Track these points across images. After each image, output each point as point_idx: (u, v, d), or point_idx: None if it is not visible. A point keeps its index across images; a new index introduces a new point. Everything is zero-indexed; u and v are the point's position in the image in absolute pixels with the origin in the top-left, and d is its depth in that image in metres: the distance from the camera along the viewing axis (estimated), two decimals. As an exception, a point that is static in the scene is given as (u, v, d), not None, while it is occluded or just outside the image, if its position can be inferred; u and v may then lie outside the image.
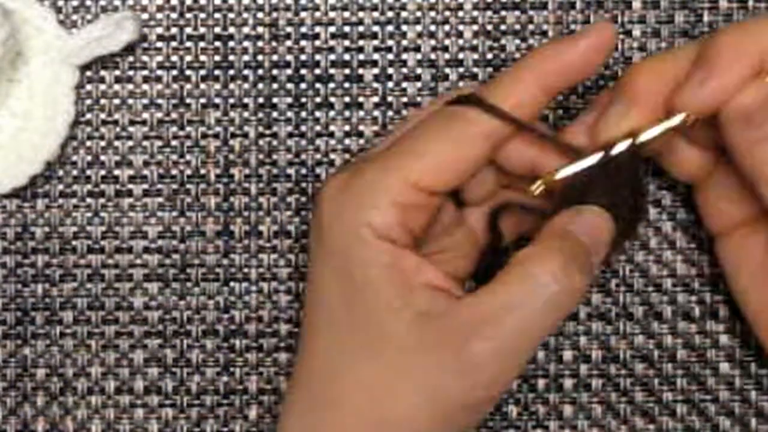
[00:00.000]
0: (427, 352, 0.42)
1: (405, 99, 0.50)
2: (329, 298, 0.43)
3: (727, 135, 0.43)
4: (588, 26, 0.46)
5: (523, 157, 0.45)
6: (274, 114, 0.50)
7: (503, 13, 0.50)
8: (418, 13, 0.50)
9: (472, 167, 0.44)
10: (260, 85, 0.50)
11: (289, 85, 0.50)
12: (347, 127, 0.50)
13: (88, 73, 0.50)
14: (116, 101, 0.50)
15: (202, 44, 0.50)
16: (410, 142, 0.44)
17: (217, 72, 0.50)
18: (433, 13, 0.50)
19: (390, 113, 0.50)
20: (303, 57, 0.50)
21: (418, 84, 0.50)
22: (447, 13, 0.50)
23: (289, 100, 0.50)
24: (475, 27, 0.50)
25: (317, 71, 0.50)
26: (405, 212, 0.43)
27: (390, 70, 0.50)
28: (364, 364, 0.43)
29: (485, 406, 0.44)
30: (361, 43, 0.50)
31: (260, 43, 0.50)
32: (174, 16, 0.50)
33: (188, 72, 0.50)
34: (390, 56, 0.50)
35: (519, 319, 0.41)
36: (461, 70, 0.50)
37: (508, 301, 0.41)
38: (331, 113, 0.50)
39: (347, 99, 0.50)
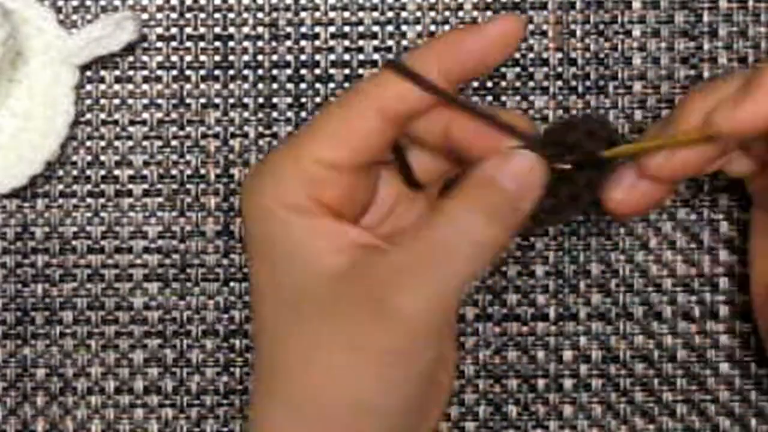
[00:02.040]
0: (347, 308, 0.41)
1: (405, 99, 0.50)
2: (260, 284, 0.43)
3: None
4: (495, 17, 0.43)
5: (441, 128, 0.43)
6: (274, 114, 0.50)
7: (503, 13, 0.50)
8: (418, 13, 0.50)
9: (372, 139, 0.42)
10: (260, 85, 0.50)
11: (289, 85, 0.50)
12: (347, 127, 0.50)
13: (88, 73, 0.50)
14: (116, 101, 0.50)
15: (202, 44, 0.50)
16: (318, 118, 0.42)
17: (217, 72, 0.50)
18: (433, 13, 0.50)
19: (390, 113, 0.50)
20: (303, 57, 0.50)
21: (418, 84, 0.50)
22: (447, 13, 0.50)
23: (289, 100, 0.50)
24: (475, 27, 0.50)
25: (317, 71, 0.50)
26: (315, 187, 0.42)
27: (390, 70, 0.50)
28: (296, 336, 0.42)
29: (416, 359, 0.41)
30: (361, 43, 0.50)
31: (260, 43, 0.50)
32: (174, 16, 0.50)
33: (188, 72, 0.50)
34: (390, 56, 0.50)
35: (438, 268, 0.40)
36: (461, 70, 0.50)
37: (427, 251, 0.40)
38: (331, 113, 0.50)
39: (347, 99, 0.50)
